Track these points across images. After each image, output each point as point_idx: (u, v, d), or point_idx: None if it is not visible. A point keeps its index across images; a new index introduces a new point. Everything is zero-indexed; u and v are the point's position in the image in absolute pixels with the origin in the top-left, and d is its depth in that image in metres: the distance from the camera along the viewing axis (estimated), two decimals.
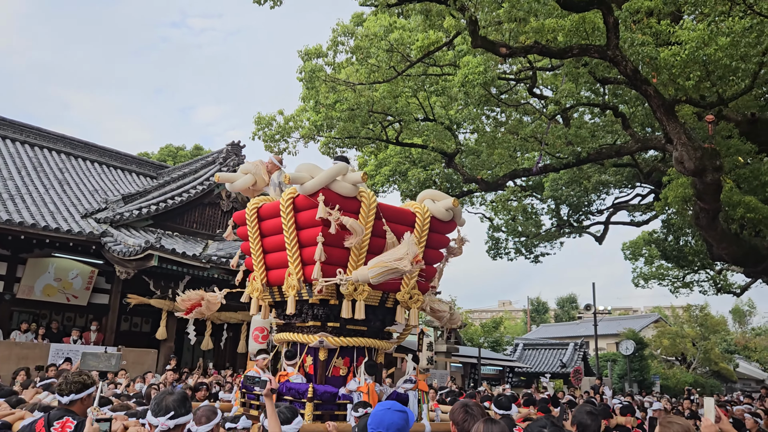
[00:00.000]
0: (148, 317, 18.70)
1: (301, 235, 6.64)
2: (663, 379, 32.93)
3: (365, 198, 6.57)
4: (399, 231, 6.70)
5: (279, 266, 7.08)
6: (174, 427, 3.12)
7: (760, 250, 12.48)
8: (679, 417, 3.64)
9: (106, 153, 21.83)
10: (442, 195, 7.47)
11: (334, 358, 6.94)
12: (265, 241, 7.20)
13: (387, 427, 3.30)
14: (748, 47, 7.76)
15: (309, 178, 6.32)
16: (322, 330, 6.86)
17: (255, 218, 7.18)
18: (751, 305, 51.71)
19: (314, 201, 6.28)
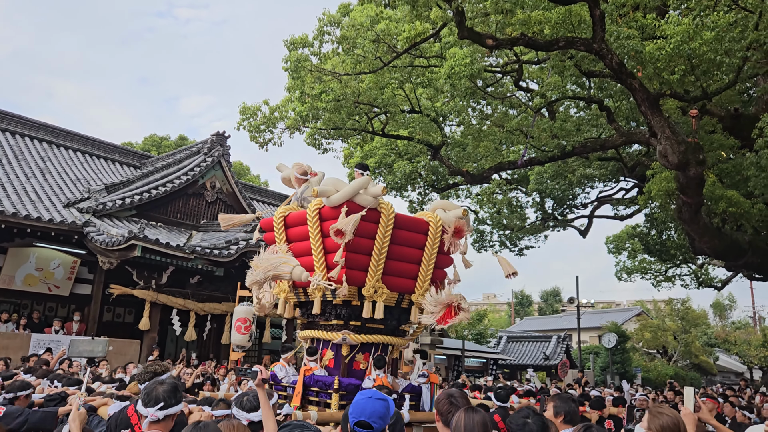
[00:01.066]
0: (131, 308, 18.56)
1: (326, 242, 7.35)
2: (644, 372, 33.31)
3: (384, 209, 7.27)
4: (414, 239, 7.58)
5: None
6: (164, 417, 3.11)
7: (741, 244, 12.62)
8: (668, 407, 3.66)
9: (89, 142, 21.56)
10: (452, 205, 8.20)
11: (356, 354, 7.66)
12: (291, 247, 7.82)
13: (369, 415, 3.29)
14: (732, 42, 7.81)
15: (334, 192, 7.06)
16: (344, 328, 7.54)
17: (282, 226, 7.89)
18: (732, 299, 52.36)
19: (336, 212, 7.02)
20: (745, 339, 42.94)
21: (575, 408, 4.16)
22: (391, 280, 7.55)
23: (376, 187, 7.30)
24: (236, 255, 16.73)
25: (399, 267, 7.62)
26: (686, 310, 38.84)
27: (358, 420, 3.29)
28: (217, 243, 16.83)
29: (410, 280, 7.75)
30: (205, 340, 19.28)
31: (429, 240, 7.66)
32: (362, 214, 7.00)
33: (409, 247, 7.60)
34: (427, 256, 7.73)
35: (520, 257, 21.43)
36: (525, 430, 4.09)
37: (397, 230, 7.42)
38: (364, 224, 7.08)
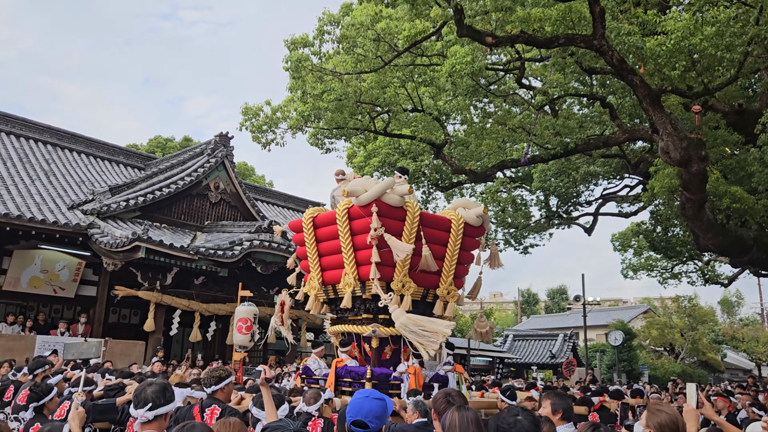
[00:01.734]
0: (136, 309, 18.62)
1: (356, 240, 7.71)
2: (651, 369, 33.18)
3: (410, 207, 7.65)
4: (438, 236, 7.93)
5: (333, 267, 8.17)
6: (153, 418, 3.12)
7: (746, 240, 12.54)
8: (667, 404, 3.63)
9: (93, 144, 21.65)
10: (473, 203, 8.59)
11: (386, 345, 8.07)
12: (320, 246, 8.25)
13: (365, 415, 3.28)
14: (733, 37, 7.76)
15: (363, 192, 7.38)
16: (374, 321, 7.83)
17: (311, 226, 8.24)
18: (739, 296, 52.18)
19: (365, 211, 7.38)
20: (753, 336, 42.71)
21: (572, 404, 4.19)
22: (417, 275, 7.87)
23: (402, 186, 7.67)
24: (240, 255, 16.76)
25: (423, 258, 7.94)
26: (693, 307, 38.66)
27: (355, 419, 3.29)
28: (221, 244, 16.86)
29: (435, 275, 8.09)
30: (210, 340, 19.33)
31: (452, 237, 8.04)
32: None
33: (433, 243, 7.90)
34: (450, 253, 8.10)
35: (525, 255, 21.40)
36: (515, 428, 4.09)
37: (421, 228, 7.77)
38: (391, 222, 7.50)
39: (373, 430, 3.28)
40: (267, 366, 14.83)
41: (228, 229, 18.53)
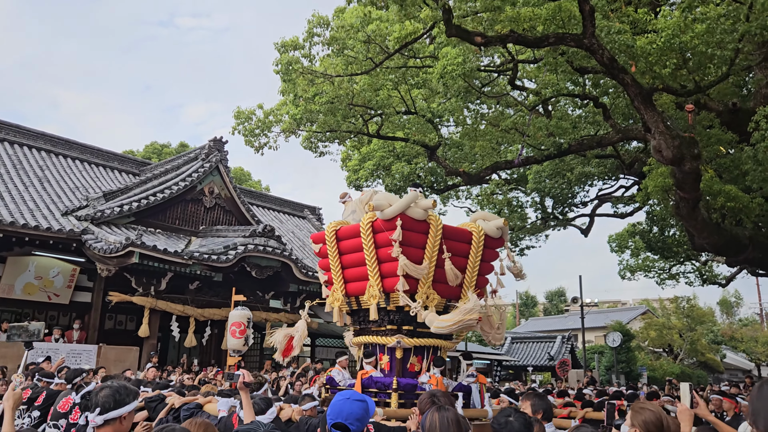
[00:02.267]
0: (132, 315, 18.53)
1: (380, 253, 7.86)
2: (650, 371, 33.09)
3: (433, 220, 7.85)
4: (459, 248, 8.10)
5: (356, 279, 8.33)
6: (104, 422, 3.06)
7: (741, 239, 12.50)
8: (651, 403, 3.60)
9: (87, 150, 21.60)
10: (492, 216, 8.77)
11: (410, 356, 8.19)
12: (343, 258, 8.40)
13: (345, 417, 3.23)
14: (724, 34, 7.73)
15: (388, 206, 7.58)
16: (398, 332, 8.01)
17: (334, 239, 8.36)
18: (738, 296, 52.14)
19: (389, 224, 7.57)
20: (752, 336, 42.68)
21: (551, 405, 4.17)
22: (440, 287, 8.03)
23: (426, 200, 7.92)
24: (235, 260, 16.70)
25: (445, 275, 8.18)
26: (692, 307, 38.62)
27: (335, 421, 3.23)
28: (216, 248, 16.80)
29: (456, 287, 8.31)
30: (206, 345, 19.25)
31: (473, 249, 8.22)
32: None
33: (455, 255, 8.13)
34: (471, 264, 8.27)
35: (521, 257, 21.33)
36: (507, 429, 4.04)
37: (444, 240, 7.97)
38: (415, 235, 7.73)
39: (353, 431, 3.23)
40: (246, 370, 14.78)
41: (223, 234, 18.48)
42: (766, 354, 40.18)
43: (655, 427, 3.22)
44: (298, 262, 18.63)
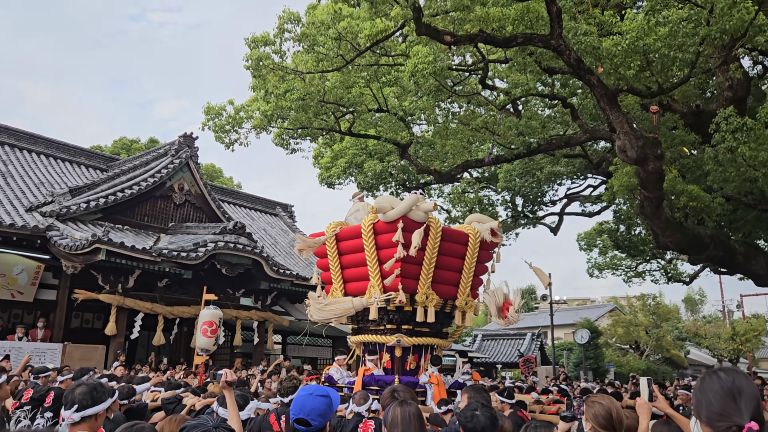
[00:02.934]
0: (99, 313, 18.23)
1: (381, 254, 8.10)
2: (617, 367, 33.70)
3: (433, 223, 8.17)
4: (456, 249, 8.45)
5: (355, 279, 8.60)
6: (81, 419, 3.07)
7: (703, 237, 12.81)
8: (602, 396, 3.69)
9: (53, 145, 21.15)
10: (487, 218, 9.16)
11: (409, 355, 8.46)
12: (343, 259, 8.66)
13: (308, 412, 3.23)
14: (685, 37, 7.92)
15: (390, 208, 7.84)
16: (397, 332, 8.30)
17: (333, 240, 8.61)
18: (702, 294, 53.37)
19: (391, 226, 7.83)
20: (715, 332, 43.73)
21: (490, 398, 4.28)
22: (438, 287, 8.37)
23: (427, 204, 8.20)
24: (204, 257, 16.55)
25: (444, 275, 8.48)
26: (658, 305, 39.42)
27: (297, 417, 3.24)
28: (185, 245, 16.63)
29: (453, 287, 8.60)
30: (175, 344, 19.04)
31: (469, 250, 8.57)
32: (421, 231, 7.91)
33: (453, 257, 8.43)
34: (467, 265, 8.60)
35: None
36: (473, 422, 4.12)
37: (442, 242, 8.27)
38: (412, 237, 7.89)
39: (315, 427, 3.23)
40: (230, 370, 14.69)
41: (192, 231, 18.29)
42: (729, 350, 41.23)
43: (605, 419, 3.32)
44: (269, 259, 18.54)
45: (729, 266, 15.40)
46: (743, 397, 1.97)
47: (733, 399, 1.98)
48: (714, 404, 2.00)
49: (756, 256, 14.12)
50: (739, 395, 1.98)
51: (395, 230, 7.76)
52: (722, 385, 2.02)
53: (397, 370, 8.26)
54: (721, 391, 2.00)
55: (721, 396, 2.00)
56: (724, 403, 1.98)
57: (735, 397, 1.98)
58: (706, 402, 2.03)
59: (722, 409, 1.98)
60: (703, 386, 2.08)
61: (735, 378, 2.03)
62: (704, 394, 2.05)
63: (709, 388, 2.05)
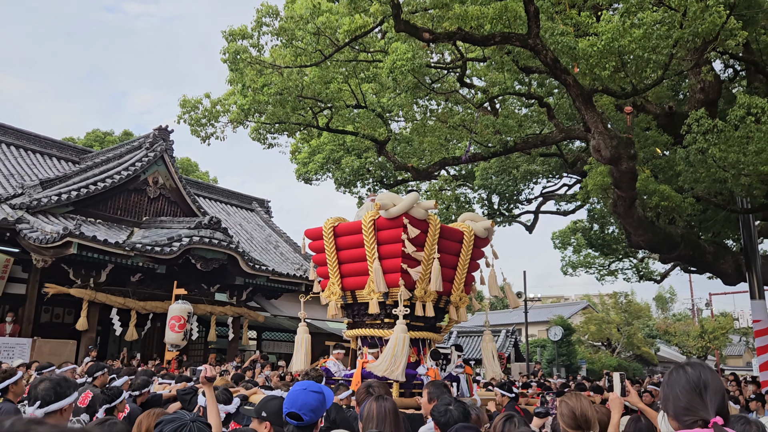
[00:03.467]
0: (71, 308, 17.95)
1: (381, 250, 8.32)
2: (589, 363, 34.20)
3: (432, 221, 8.46)
4: (452, 246, 8.76)
5: (352, 275, 8.77)
6: (44, 415, 3.06)
7: (674, 237, 13.06)
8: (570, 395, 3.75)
9: (24, 136, 20.73)
10: (480, 217, 9.61)
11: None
12: (341, 254, 8.82)
13: (300, 407, 3.24)
14: (659, 39, 8.05)
15: (392, 205, 8.08)
16: (395, 326, 8.36)
17: (332, 235, 8.78)
18: (673, 292, 54.38)
19: (392, 223, 8.10)
20: (685, 330, 44.61)
21: (448, 392, 4.43)
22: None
23: (428, 202, 8.57)
24: (179, 252, 16.39)
25: (441, 271, 8.61)
26: (629, 303, 40.07)
27: (289, 411, 3.24)
28: (159, 240, 16.45)
29: (448, 283, 8.87)
30: (148, 339, 18.84)
31: (464, 247, 8.90)
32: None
33: (448, 254, 8.70)
34: (462, 262, 8.91)
35: None
36: (446, 417, 4.16)
37: (443, 240, 8.57)
38: (415, 234, 8.13)
39: (306, 422, 3.24)
40: (208, 365, 14.57)
41: (167, 225, 18.09)
42: (697, 347, 42.08)
43: (570, 419, 3.39)
44: (244, 255, 18.43)
45: (699, 265, 15.72)
46: (709, 391, 2.01)
47: (699, 394, 2.01)
48: (681, 399, 2.03)
49: (724, 255, 14.44)
50: (705, 390, 2.01)
51: (396, 227, 8.05)
52: (689, 379, 2.05)
53: None
54: (688, 386, 2.03)
55: (688, 391, 2.02)
56: (690, 397, 2.01)
57: (701, 392, 2.01)
58: (674, 396, 2.06)
59: (689, 403, 2.01)
60: (670, 381, 2.11)
61: (701, 372, 2.06)
62: (671, 389, 2.08)
63: (676, 383, 2.08)
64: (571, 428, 3.39)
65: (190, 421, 2.85)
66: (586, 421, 3.39)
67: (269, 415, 3.73)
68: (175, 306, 10.66)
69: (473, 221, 9.24)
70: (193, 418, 2.88)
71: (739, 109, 8.82)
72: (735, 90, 14.73)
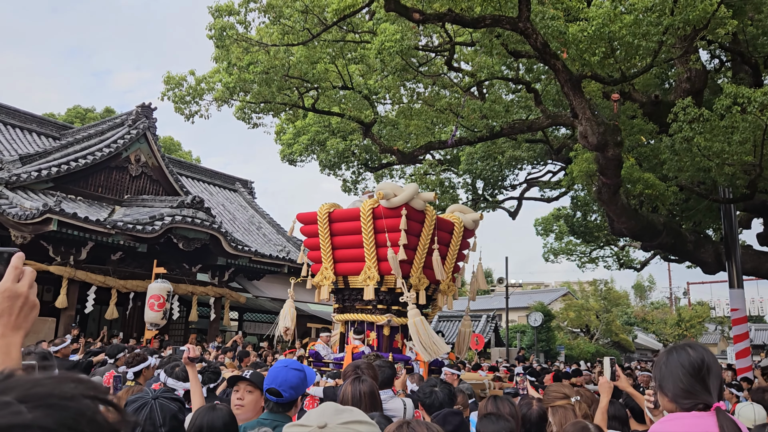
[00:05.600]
0: (49, 285, 17.71)
1: (378, 238, 8.42)
2: (568, 349, 34.64)
3: (429, 212, 8.72)
4: (443, 237, 8.94)
5: (345, 260, 8.89)
6: None
7: (656, 225, 13.17)
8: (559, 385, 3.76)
9: (3, 110, 20.29)
10: (468, 209, 9.97)
11: (397, 334, 8.92)
12: (335, 240, 8.90)
13: (280, 383, 3.23)
14: (649, 26, 8.04)
15: (393, 195, 8.23)
16: (387, 312, 8.66)
17: (326, 221, 8.84)
18: (652, 281, 55.27)
19: (391, 212, 8.23)
20: (662, 318, 45.32)
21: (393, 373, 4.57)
22: (429, 272, 8.83)
23: (428, 193, 8.86)
24: (161, 231, 16.23)
25: (432, 260, 8.85)
26: (609, 290, 40.57)
27: (270, 387, 3.22)
28: (141, 218, 16.26)
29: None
30: (129, 318, 18.69)
31: (453, 238, 9.12)
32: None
33: (440, 244, 8.85)
34: (451, 252, 9.10)
35: None
36: (432, 398, 4.16)
37: (438, 231, 8.78)
38: (412, 224, 8.35)
39: (286, 399, 3.23)
40: (191, 344, 14.49)
41: (149, 204, 17.89)
42: (674, 335, 42.79)
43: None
44: (227, 235, 18.30)
45: (679, 253, 15.90)
46: (711, 375, 1.93)
47: (701, 377, 1.93)
48: (682, 380, 1.95)
49: (705, 244, 14.61)
50: (708, 374, 1.93)
51: (395, 216, 8.19)
52: (692, 361, 1.97)
53: (386, 348, 8.59)
54: (691, 368, 1.95)
55: (690, 373, 1.94)
56: (693, 380, 1.93)
57: (704, 375, 1.94)
58: (674, 378, 1.97)
59: (691, 386, 1.93)
60: (669, 361, 2.02)
61: (704, 355, 1.98)
62: (671, 369, 2.00)
63: (678, 364, 1.99)
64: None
65: (152, 399, 2.81)
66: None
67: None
68: (154, 285, 10.56)
69: (462, 213, 9.49)
70: (155, 395, 2.83)
71: (726, 99, 8.87)
72: (720, 81, 14.82)
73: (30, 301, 1.27)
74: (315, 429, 1.01)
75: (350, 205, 9.58)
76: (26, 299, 1.26)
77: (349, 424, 1.01)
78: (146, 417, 2.95)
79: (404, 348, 8.92)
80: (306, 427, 1.03)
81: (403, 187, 8.70)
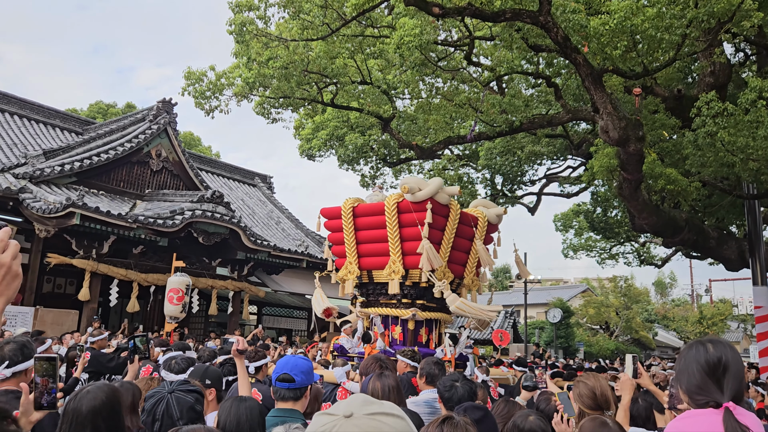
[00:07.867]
0: (72, 278, 18.01)
1: (403, 232, 8.49)
2: (587, 346, 34.39)
3: (453, 206, 8.74)
4: (466, 231, 8.95)
5: (369, 255, 8.93)
6: (12, 375, 3.20)
7: (678, 221, 13.01)
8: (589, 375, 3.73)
9: (28, 106, 20.62)
10: (491, 204, 9.96)
11: (421, 328, 8.88)
12: (359, 234, 8.95)
13: (291, 368, 3.25)
14: (672, 19, 7.93)
15: (418, 190, 8.27)
16: (412, 306, 8.70)
17: (351, 216, 8.93)
18: (673, 278, 54.52)
19: (417, 206, 8.24)
20: (683, 315, 44.76)
21: (435, 370, 4.51)
22: (453, 266, 8.88)
23: (453, 188, 8.84)
24: (181, 225, 16.39)
25: (456, 255, 8.97)
26: (629, 287, 40.15)
27: (280, 374, 3.22)
28: (162, 213, 16.43)
29: (461, 266, 9.10)
30: (150, 312, 18.92)
31: (477, 232, 9.11)
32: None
33: (464, 238, 8.94)
34: (474, 246, 9.12)
35: None
36: (452, 393, 4.16)
37: (462, 226, 8.80)
38: (436, 218, 8.35)
39: (298, 383, 3.22)
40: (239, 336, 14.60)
41: (169, 198, 18.07)
42: (695, 333, 42.26)
43: (590, 399, 3.35)
44: (246, 229, 18.43)
45: (702, 250, 15.69)
46: (728, 374, 1.90)
47: (716, 375, 1.90)
48: (696, 377, 1.93)
49: (728, 241, 14.40)
50: (724, 373, 1.90)
51: (420, 210, 8.16)
52: (708, 359, 1.94)
53: (410, 342, 8.67)
54: (707, 366, 1.92)
55: (706, 370, 1.92)
56: (706, 378, 1.91)
57: (719, 374, 1.90)
58: (689, 373, 1.96)
59: (704, 383, 1.91)
60: (688, 356, 2.01)
61: (723, 353, 1.94)
62: (688, 364, 1.98)
63: (694, 359, 1.97)
64: (590, 408, 3.35)
65: (168, 393, 2.86)
66: (606, 401, 3.36)
67: (213, 381, 4.04)
68: (173, 278, 10.68)
69: (485, 207, 9.46)
70: (171, 389, 2.88)
71: (751, 93, 8.72)
72: (745, 75, 14.56)
73: (13, 271, 1.40)
74: (341, 418, 1.03)
75: (365, 199, 9.60)
76: (9, 269, 1.39)
77: (375, 415, 1.02)
78: (163, 411, 3.02)
79: (431, 342, 8.95)
80: (333, 416, 1.04)
81: (428, 181, 8.69)
